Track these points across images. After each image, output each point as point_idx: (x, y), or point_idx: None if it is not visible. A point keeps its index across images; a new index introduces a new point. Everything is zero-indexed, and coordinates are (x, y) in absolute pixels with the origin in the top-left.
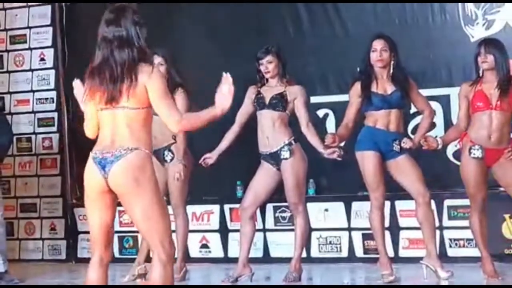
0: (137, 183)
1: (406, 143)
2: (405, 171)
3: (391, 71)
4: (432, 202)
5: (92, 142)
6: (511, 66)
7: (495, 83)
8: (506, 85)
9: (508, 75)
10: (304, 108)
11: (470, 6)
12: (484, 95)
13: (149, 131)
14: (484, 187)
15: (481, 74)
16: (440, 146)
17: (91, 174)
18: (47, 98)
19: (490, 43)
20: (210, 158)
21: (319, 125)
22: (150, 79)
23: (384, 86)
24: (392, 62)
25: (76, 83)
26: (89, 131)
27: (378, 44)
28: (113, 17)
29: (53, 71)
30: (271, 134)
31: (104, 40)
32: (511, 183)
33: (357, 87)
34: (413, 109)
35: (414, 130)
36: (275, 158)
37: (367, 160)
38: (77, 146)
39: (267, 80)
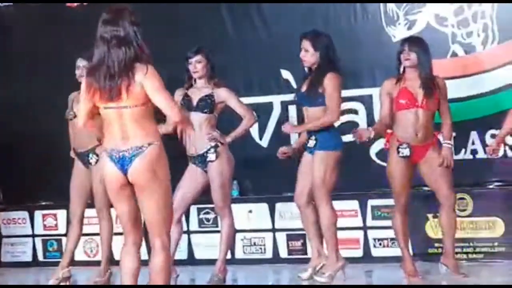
0: (155, 175)
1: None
2: None
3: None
4: (356, 202)
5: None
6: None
7: (418, 81)
8: (430, 84)
9: (431, 74)
10: (240, 106)
11: (391, 6)
12: (409, 93)
13: (154, 123)
14: (409, 187)
15: (401, 71)
16: (372, 135)
17: (111, 173)
18: None
19: (414, 41)
20: None
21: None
22: (146, 78)
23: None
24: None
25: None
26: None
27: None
28: (110, 18)
29: None
30: (198, 136)
31: (101, 40)
32: (437, 178)
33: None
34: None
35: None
36: (202, 160)
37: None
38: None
39: (195, 80)
